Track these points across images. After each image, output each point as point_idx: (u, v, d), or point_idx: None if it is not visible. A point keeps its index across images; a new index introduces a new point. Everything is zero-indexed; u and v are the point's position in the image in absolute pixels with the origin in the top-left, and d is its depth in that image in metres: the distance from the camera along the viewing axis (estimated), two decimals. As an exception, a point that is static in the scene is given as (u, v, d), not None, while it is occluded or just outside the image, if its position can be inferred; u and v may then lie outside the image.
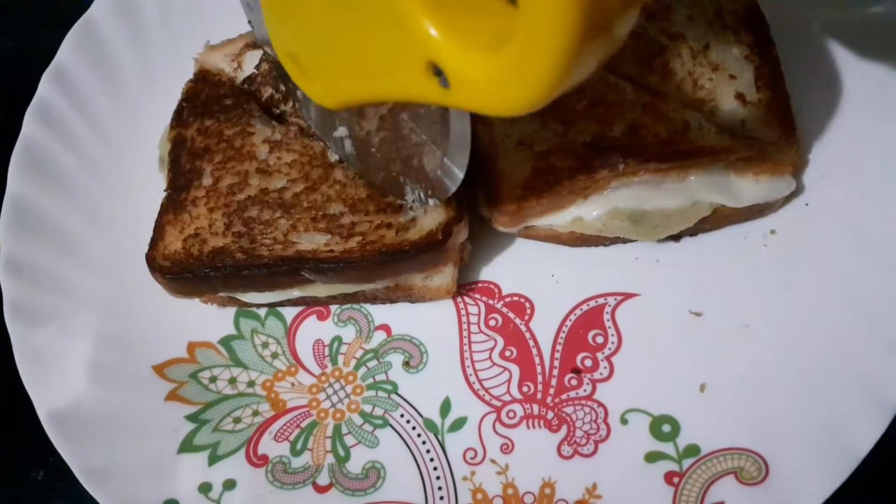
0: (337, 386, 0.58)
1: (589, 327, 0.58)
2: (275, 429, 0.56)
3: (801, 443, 0.51)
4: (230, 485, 0.54)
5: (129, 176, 0.66)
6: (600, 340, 0.58)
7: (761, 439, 0.52)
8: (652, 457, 0.53)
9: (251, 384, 0.58)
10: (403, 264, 0.55)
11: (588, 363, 0.57)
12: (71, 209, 0.64)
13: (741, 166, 0.57)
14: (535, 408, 0.56)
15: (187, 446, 0.55)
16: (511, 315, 0.59)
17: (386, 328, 0.60)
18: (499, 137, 0.59)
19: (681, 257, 0.60)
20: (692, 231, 0.59)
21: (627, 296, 0.59)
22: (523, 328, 0.59)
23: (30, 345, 0.57)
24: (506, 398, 0.56)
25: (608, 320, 0.58)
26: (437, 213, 0.55)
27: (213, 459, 0.55)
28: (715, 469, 0.52)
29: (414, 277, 0.57)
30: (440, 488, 0.53)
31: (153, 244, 0.57)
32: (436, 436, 0.55)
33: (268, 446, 0.55)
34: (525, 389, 0.56)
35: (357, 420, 0.56)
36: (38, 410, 0.54)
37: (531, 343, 0.58)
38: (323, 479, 0.54)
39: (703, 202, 0.58)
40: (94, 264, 0.62)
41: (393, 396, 0.57)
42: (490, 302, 0.60)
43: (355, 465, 0.55)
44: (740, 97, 0.58)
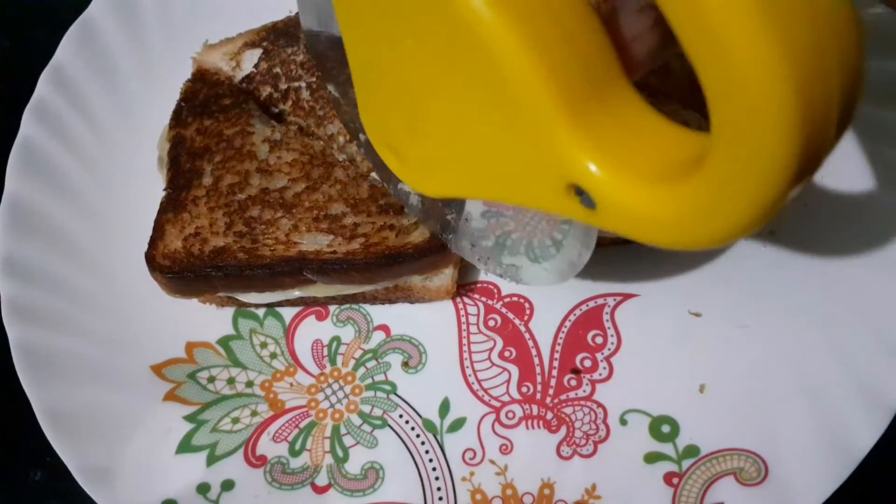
0: (336, 386, 0.58)
1: (588, 328, 0.58)
2: (273, 429, 0.56)
3: (801, 443, 0.51)
4: (228, 485, 0.54)
5: (128, 175, 0.66)
6: (600, 341, 0.58)
7: (761, 440, 0.52)
8: (651, 457, 0.53)
9: (250, 384, 0.58)
10: (405, 266, 0.55)
11: (587, 364, 0.57)
12: (69, 209, 0.64)
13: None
14: (535, 408, 0.56)
15: (185, 447, 0.55)
16: (510, 315, 0.59)
17: (385, 328, 0.60)
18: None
19: (680, 258, 0.60)
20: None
21: (627, 296, 0.59)
22: (522, 328, 0.59)
23: (28, 344, 0.57)
24: (505, 399, 0.56)
25: (608, 321, 0.58)
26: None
27: (212, 460, 0.55)
28: (714, 470, 0.51)
29: (414, 278, 0.57)
30: (439, 489, 0.53)
31: (152, 243, 0.57)
32: (435, 436, 0.55)
33: (266, 447, 0.55)
34: (524, 390, 0.56)
35: (356, 420, 0.56)
36: (36, 410, 0.54)
37: (530, 343, 0.58)
38: (321, 480, 0.54)
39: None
40: (93, 264, 0.62)
41: (392, 397, 0.57)
42: (489, 302, 0.60)
43: (354, 466, 0.54)
44: (740, 98, 0.58)
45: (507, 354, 0.58)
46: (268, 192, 0.58)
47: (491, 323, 0.59)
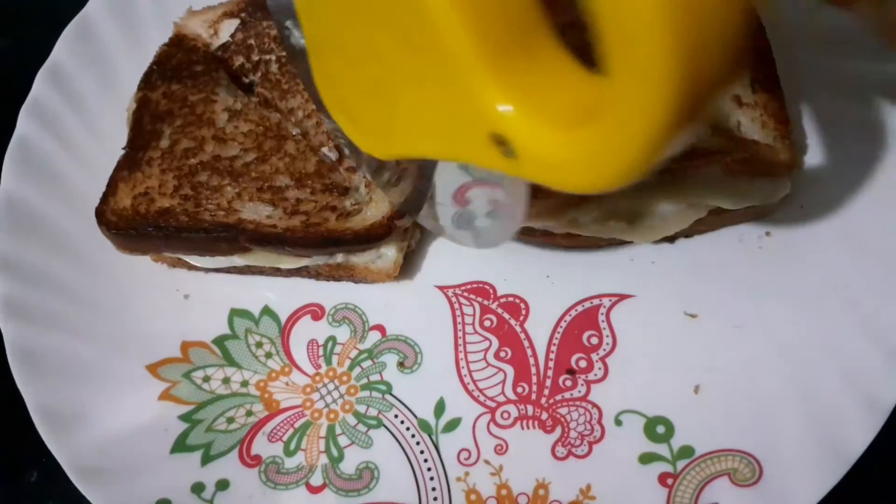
0: (331, 386, 0.58)
1: (584, 328, 0.58)
2: (268, 429, 0.56)
3: (795, 444, 0.51)
4: (223, 485, 0.54)
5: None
6: (595, 341, 0.58)
7: (755, 441, 0.52)
8: (646, 458, 0.53)
9: (245, 384, 0.58)
10: (342, 247, 0.57)
11: (583, 364, 0.57)
12: (65, 207, 0.64)
13: (737, 168, 0.57)
14: (530, 409, 0.56)
15: (180, 446, 0.55)
16: (506, 315, 0.59)
17: (380, 328, 0.60)
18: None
19: (676, 259, 0.60)
20: (687, 233, 0.59)
21: (622, 297, 0.59)
22: (518, 329, 0.59)
23: (23, 343, 0.57)
24: (500, 399, 0.56)
25: (603, 321, 0.58)
26: (382, 205, 0.57)
27: (206, 459, 0.55)
28: (709, 470, 0.52)
29: (355, 258, 0.59)
30: (434, 489, 0.53)
31: (104, 199, 0.59)
32: (430, 436, 0.55)
33: (261, 446, 0.55)
34: (519, 390, 0.56)
35: (351, 420, 0.56)
36: (31, 409, 0.54)
37: (526, 344, 0.58)
38: (316, 480, 0.54)
39: (699, 204, 0.58)
40: (88, 263, 0.62)
41: (387, 397, 0.57)
42: (485, 302, 0.60)
43: (349, 466, 0.54)
44: (736, 99, 0.58)
45: (503, 355, 0.58)
46: (219, 160, 0.60)
47: (486, 323, 0.59)
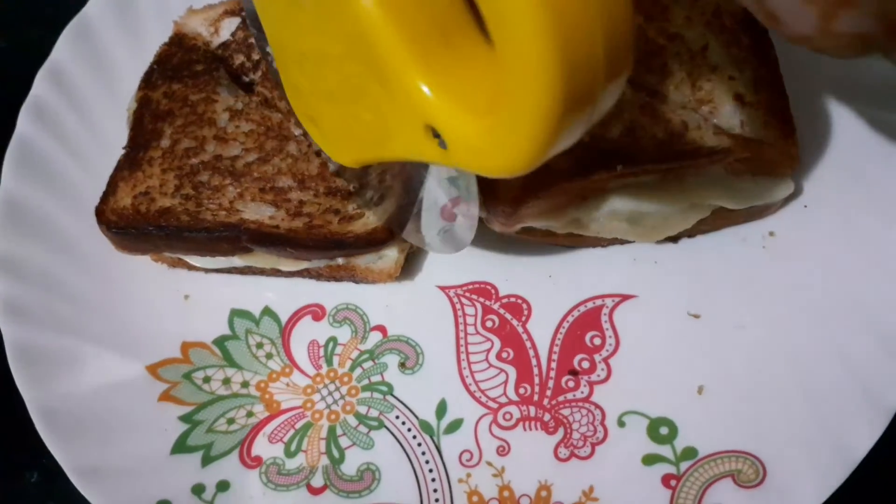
0: (332, 387, 0.57)
1: (586, 329, 0.58)
2: (269, 430, 0.56)
3: (799, 445, 0.51)
4: (224, 486, 0.53)
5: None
6: (598, 342, 0.57)
7: (759, 442, 0.51)
8: (649, 459, 0.52)
9: (245, 385, 0.58)
10: (344, 251, 0.57)
11: (585, 365, 0.57)
12: (65, 207, 0.63)
13: (740, 168, 0.57)
14: (532, 410, 0.55)
15: (181, 447, 0.55)
16: (508, 316, 0.59)
17: (382, 329, 0.59)
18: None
19: (679, 259, 0.59)
20: (690, 232, 0.59)
21: (625, 297, 0.59)
22: (520, 329, 0.58)
23: (22, 344, 0.56)
24: (502, 400, 0.56)
25: (606, 322, 0.58)
26: (384, 211, 0.56)
27: (207, 460, 0.54)
28: (712, 472, 0.51)
29: (356, 259, 0.59)
30: (435, 490, 0.53)
31: (104, 198, 0.59)
32: (431, 437, 0.55)
33: (262, 447, 0.55)
34: (522, 391, 0.56)
35: (352, 421, 0.56)
36: (31, 410, 0.54)
37: (528, 344, 0.58)
38: (317, 481, 0.54)
39: (702, 203, 0.57)
40: (89, 263, 0.62)
41: (388, 398, 0.57)
42: (487, 303, 0.60)
43: (350, 467, 0.54)
44: (739, 98, 0.58)
45: (505, 355, 0.57)
46: (220, 160, 0.59)
47: (489, 324, 0.59)
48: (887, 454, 0.49)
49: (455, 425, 0.55)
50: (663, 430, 0.53)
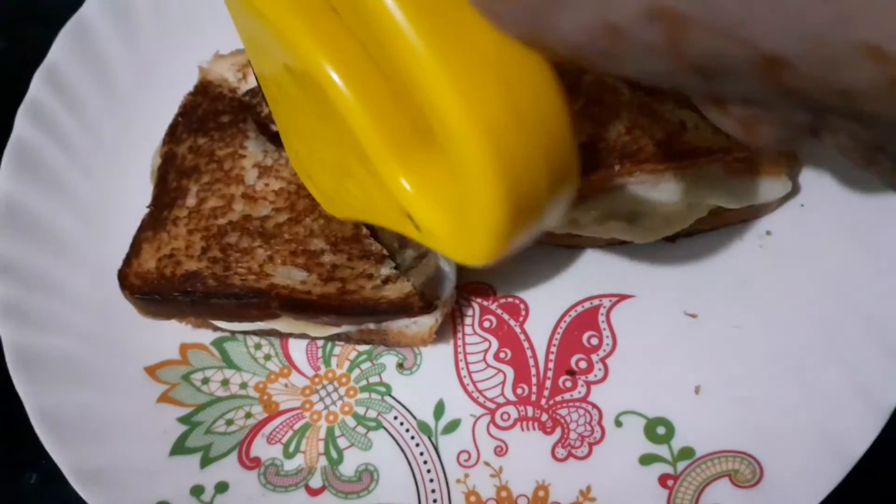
0: (330, 388, 0.58)
1: (584, 329, 0.58)
2: (267, 431, 0.56)
3: (796, 445, 0.51)
4: (222, 487, 0.53)
5: (122, 177, 0.65)
6: (595, 342, 0.57)
7: (756, 442, 0.52)
8: (646, 459, 0.53)
9: (244, 386, 0.58)
10: (377, 317, 0.54)
11: (583, 365, 0.57)
12: (63, 210, 0.63)
13: (738, 167, 0.57)
14: (530, 410, 0.55)
15: (179, 448, 0.55)
16: (505, 316, 0.59)
17: (380, 329, 0.59)
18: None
19: (676, 258, 0.59)
20: (688, 232, 0.59)
21: (622, 297, 0.59)
22: (518, 330, 0.58)
23: (21, 346, 0.56)
24: (500, 400, 0.56)
25: (603, 322, 0.58)
26: (422, 273, 0.55)
27: (206, 462, 0.54)
28: (709, 472, 0.51)
29: (390, 324, 0.56)
30: (433, 491, 0.53)
31: (127, 261, 0.56)
32: (429, 438, 0.55)
33: (260, 448, 0.55)
34: (519, 391, 0.56)
35: (350, 422, 0.56)
36: (29, 412, 0.54)
37: (525, 345, 0.58)
38: (315, 482, 0.54)
39: (700, 203, 0.57)
40: (86, 265, 0.62)
41: (386, 398, 0.57)
42: (484, 303, 0.60)
43: (348, 468, 0.54)
44: (737, 97, 0.58)
45: (503, 356, 0.58)
46: (249, 220, 0.56)
47: (486, 324, 0.59)
48: (884, 453, 0.49)
49: (453, 426, 0.55)
50: (660, 430, 0.53)
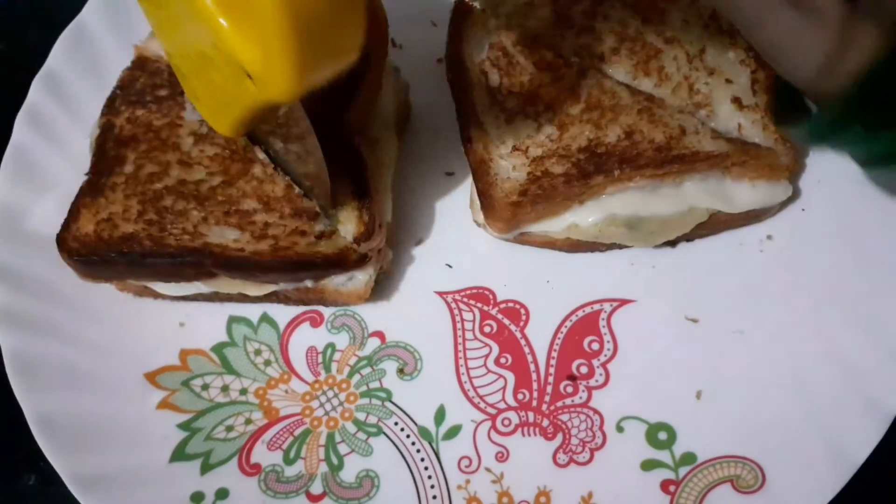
0: (330, 394, 0.57)
1: (584, 334, 0.58)
2: (268, 437, 0.56)
3: (798, 450, 0.51)
4: (223, 494, 0.53)
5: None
6: (596, 347, 0.57)
7: (758, 447, 0.52)
8: (648, 465, 0.52)
9: (244, 392, 0.58)
10: (313, 272, 0.56)
11: (584, 370, 0.57)
12: (61, 216, 0.62)
13: (738, 171, 0.57)
14: (531, 415, 0.55)
15: (179, 455, 0.55)
16: (506, 321, 0.59)
17: (380, 335, 0.59)
18: (493, 142, 0.58)
19: (677, 263, 0.59)
20: (689, 237, 0.59)
21: (623, 302, 0.59)
22: (518, 335, 0.58)
23: (20, 352, 0.56)
24: (501, 406, 0.56)
25: (604, 327, 0.58)
26: (349, 227, 0.55)
27: (206, 468, 0.54)
28: (711, 477, 0.51)
29: (326, 282, 0.57)
30: (435, 497, 0.53)
31: (66, 225, 0.57)
32: (430, 444, 0.55)
33: (261, 455, 0.55)
34: (520, 397, 0.56)
35: (351, 428, 0.56)
36: (29, 419, 0.54)
37: (526, 350, 0.58)
38: (316, 488, 0.54)
39: (700, 208, 0.57)
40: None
41: (387, 404, 0.57)
42: (485, 308, 0.59)
43: (349, 474, 0.54)
44: (737, 101, 0.58)
45: (503, 361, 0.57)
46: (184, 184, 0.58)
47: (487, 329, 0.58)
48: (887, 459, 0.49)
49: (454, 431, 0.55)
50: (662, 436, 0.53)
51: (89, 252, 0.56)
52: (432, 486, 0.53)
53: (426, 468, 0.54)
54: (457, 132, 0.60)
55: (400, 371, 0.58)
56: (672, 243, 0.60)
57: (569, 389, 0.56)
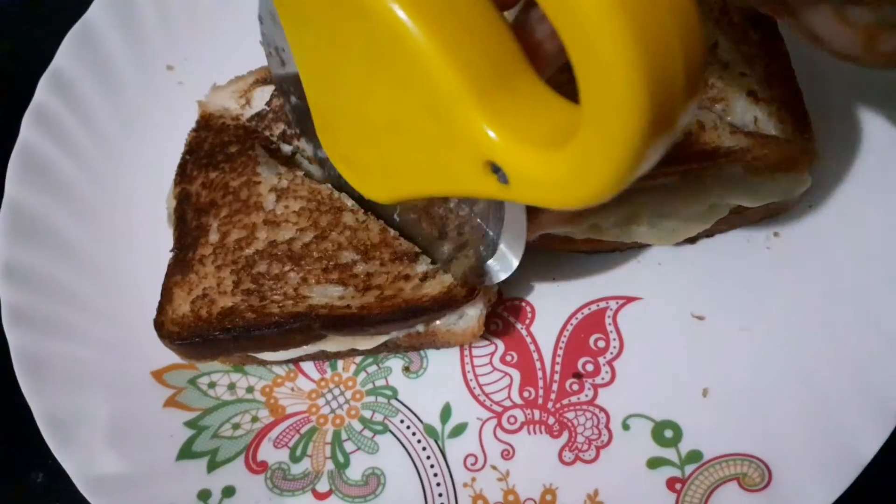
0: (336, 391, 0.57)
1: (590, 331, 0.58)
2: (274, 435, 0.56)
3: (805, 449, 0.50)
4: (229, 492, 0.53)
5: (129, 181, 0.66)
6: (602, 345, 0.57)
7: (764, 445, 0.51)
8: (654, 463, 0.52)
9: (250, 390, 0.58)
10: (423, 317, 0.53)
11: (589, 368, 0.56)
12: (70, 215, 0.63)
13: (758, 165, 0.56)
14: (537, 413, 0.55)
15: (186, 453, 0.55)
16: (512, 319, 0.59)
17: (386, 333, 0.59)
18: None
19: (683, 260, 0.59)
20: (709, 232, 0.59)
21: (629, 299, 0.58)
22: (524, 332, 0.58)
23: (28, 351, 0.57)
24: (507, 403, 0.56)
25: (610, 324, 0.58)
26: (462, 264, 0.53)
27: (213, 466, 0.55)
28: (717, 475, 0.51)
29: (437, 324, 0.55)
30: (440, 495, 0.53)
31: (161, 309, 0.55)
32: (436, 442, 0.55)
33: (267, 452, 0.55)
34: (526, 395, 0.56)
35: (357, 426, 0.56)
36: (37, 417, 0.54)
37: (532, 348, 0.58)
38: (322, 486, 0.54)
39: (720, 203, 0.57)
40: (93, 269, 0.62)
41: (393, 402, 0.57)
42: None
43: (355, 472, 0.54)
44: (752, 94, 0.57)
45: (509, 359, 0.57)
46: (275, 245, 0.55)
47: (492, 327, 0.58)
48: (894, 457, 0.49)
49: (460, 429, 0.55)
50: (668, 434, 0.53)
51: (191, 334, 0.53)
52: (438, 484, 0.53)
53: (432, 466, 0.54)
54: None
55: (406, 369, 0.58)
56: (693, 240, 0.59)
57: (574, 387, 0.56)
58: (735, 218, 0.58)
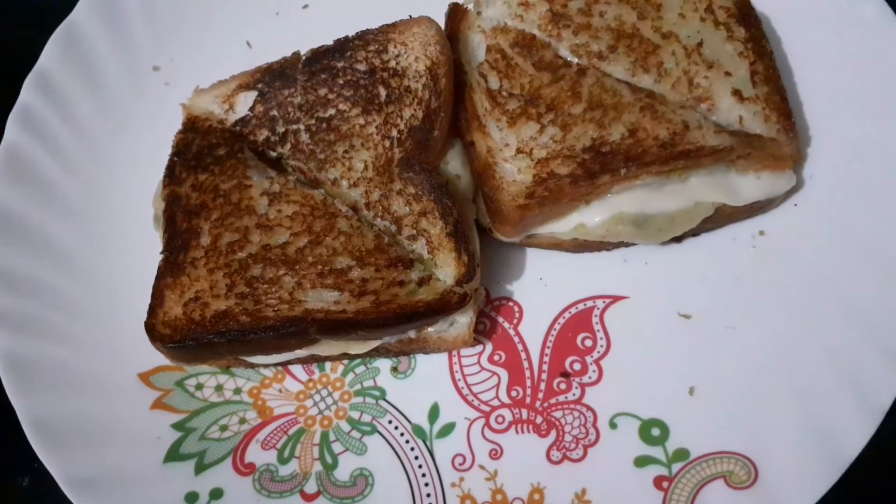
0: (324, 392, 0.57)
1: (578, 330, 0.58)
2: (262, 436, 0.56)
3: (790, 446, 0.51)
4: (217, 494, 0.53)
5: (115, 182, 0.65)
6: (589, 344, 0.57)
7: (750, 443, 0.52)
8: (641, 461, 0.53)
9: (238, 391, 0.58)
10: (417, 322, 0.53)
11: (577, 367, 0.57)
12: (55, 217, 0.63)
13: (742, 164, 0.57)
14: (524, 412, 0.55)
15: (173, 455, 0.55)
16: (499, 319, 0.59)
17: (373, 333, 0.59)
18: (496, 146, 0.58)
19: (669, 259, 0.59)
20: (695, 231, 0.59)
21: (616, 298, 0.59)
22: (512, 332, 0.58)
23: (13, 353, 0.56)
24: (494, 403, 0.56)
25: (597, 323, 0.58)
26: (448, 270, 0.53)
27: (200, 468, 0.54)
28: (704, 473, 0.51)
29: (428, 329, 0.55)
30: (429, 495, 0.53)
31: (152, 311, 0.54)
32: (424, 442, 0.55)
33: (255, 454, 0.55)
34: (514, 394, 0.56)
35: (345, 427, 0.56)
36: (22, 421, 0.54)
37: (520, 347, 0.58)
38: (311, 487, 0.54)
39: (706, 202, 0.57)
40: (79, 271, 0.62)
41: (381, 402, 0.57)
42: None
43: (343, 473, 0.54)
44: (737, 93, 0.57)
45: (497, 358, 0.57)
46: (269, 249, 0.55)
47: (480, 327, 0.58)
48: (879, 455, 0.50)
49: (448, 429, 0.55)
50: (655, 432, 0.53)
51: (183, 337, 0.53)
52: (426, 485, 0.53)
53: (420, 466, 0.54)
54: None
55: (394, 369, 0.58)
56: (678, 239, 0.59)
57: (562, 386, 0.56)
58: (721, 217, 0.58)
